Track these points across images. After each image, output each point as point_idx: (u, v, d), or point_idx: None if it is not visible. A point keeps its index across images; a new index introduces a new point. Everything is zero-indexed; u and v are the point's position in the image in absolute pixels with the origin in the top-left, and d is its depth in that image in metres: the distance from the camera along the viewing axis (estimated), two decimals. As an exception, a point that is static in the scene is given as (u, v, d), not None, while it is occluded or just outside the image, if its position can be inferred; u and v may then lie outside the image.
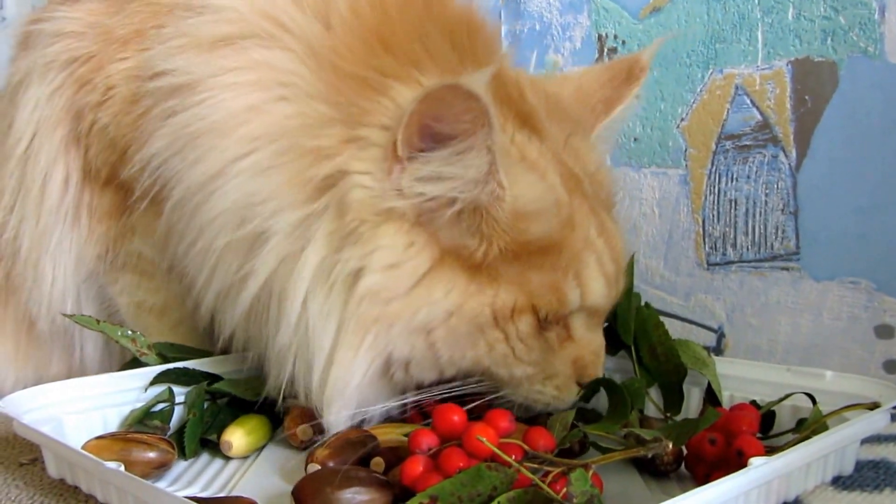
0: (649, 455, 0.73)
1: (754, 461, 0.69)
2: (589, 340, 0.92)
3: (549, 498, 0.66)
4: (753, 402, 0.93)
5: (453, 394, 0.90)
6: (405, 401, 0.93)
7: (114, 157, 1.07)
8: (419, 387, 0.92)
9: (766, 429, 0.90)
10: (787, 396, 0.91)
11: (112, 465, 0.74)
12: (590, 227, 0.89)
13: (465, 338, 0.86)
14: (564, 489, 0.66)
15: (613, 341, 1.05)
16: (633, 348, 1.03)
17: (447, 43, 0.92)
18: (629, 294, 1.02)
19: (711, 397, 0.97)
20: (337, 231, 0.85)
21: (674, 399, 0.99)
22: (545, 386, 0.91)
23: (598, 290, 0.89)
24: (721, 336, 1.33)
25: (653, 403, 1.00)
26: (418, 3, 0.95)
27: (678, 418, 0.98)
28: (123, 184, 1.08)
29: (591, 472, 0.68)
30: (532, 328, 0.87)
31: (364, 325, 0.84)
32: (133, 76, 1.04)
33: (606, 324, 1.06)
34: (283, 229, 0.87)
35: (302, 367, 0.89)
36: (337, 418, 0.88)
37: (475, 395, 0.90)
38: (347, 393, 0.87)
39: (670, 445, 0.70)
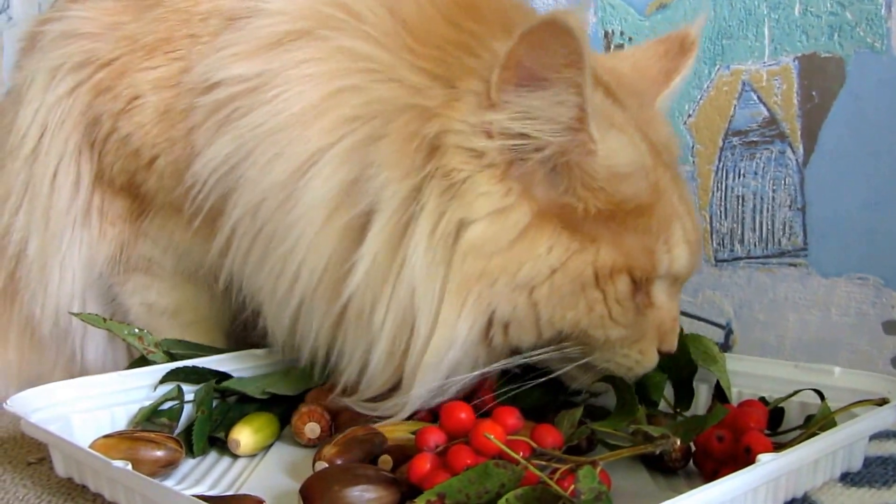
0: (657, 452, 0.73)
1: (762, 457, 0.69)
2: (669, 308, 0.93)
3: (557, 495, 0.66)
4: (762, 399, 0.93)
5: (532, 359, 0.91)
6: (485, 370, 0.91)
7: (134, 166, 1.06)
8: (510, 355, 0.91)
9: (775, 425, 0.90)
10: (795, 393, 0.91)
11: (120, 464, 0.73)
12: (672, 194, 0.90)
13: (567, 297, 0.85)
14: (572, 486, 0.66)
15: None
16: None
17: (520, 14, 0.93)
18: None
19: (720, 393, 0.97)
20: (443, 190, 0.84)
21: (684, 394, 0.98)
22: (632, 350, 0.91)
23: (684, 256, 0.90)
24: (729, 332, 1.32)
25: (663, 399, 0.99)
26: None
27: (688, 414, 0.98)
28: (140, 191, 1.08)
29: (598, 469, 0.68)
30: (628, 290, 0.87)
31: (467, 282, 0.84)
32: (164, 86, 1.03)
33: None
34: (393, 204, 0.86)
35: (401, 338, 0.87)
36: (421, 390, 0.87)
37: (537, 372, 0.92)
38: (448, 357, 0.86)
39: (678, 442, 0.70)
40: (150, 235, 1.11)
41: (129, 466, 0.73)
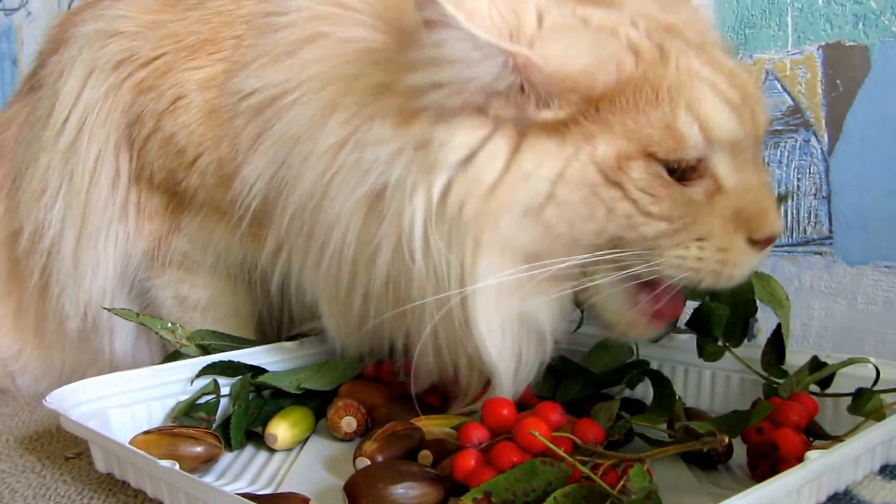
0: (705, 449, 0.73)
1: (811, 455, 0.69)
2: (746, 185, 0.82)
3: (604, 493, 0.66)
4: (815, 359, 0.92)
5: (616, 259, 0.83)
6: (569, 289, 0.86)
7: (176, 165, 1.07)
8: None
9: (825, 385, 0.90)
10: (850, 361, 0.90)
11: (167, 463, 0.74)
12: (691, 61, 0.81)
13: (579, 207, 0.80)
14: (621, 483, 0.66)
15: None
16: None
17: None
18: None
19: (777, 339, 0.94)
20: (423, 152, 0.82)
21: (737, 332, 0.97)
22: (703, 251, 0.81)
23: (723, 118, 0.80)
24: (754, 321, 1.32)
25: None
26: None
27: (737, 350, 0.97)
28: (179, 188, 1.09)
29: (645, 467, 0.68)
30: (652, 175, 0.79)
31: (474, 231, 0.81)
32: (209, 86, 1.04)
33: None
34: (399, 174, 0.84)
35: (437, 302, 0.84)
36: (503, 357, 0.86)
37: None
38: (491, 300, 0.83)
39: (726, 440, 0.70)
40: (188, 232, 1.12)
41: (177, 466, 0.74)
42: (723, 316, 0.95)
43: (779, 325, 0.95)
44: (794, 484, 0.67)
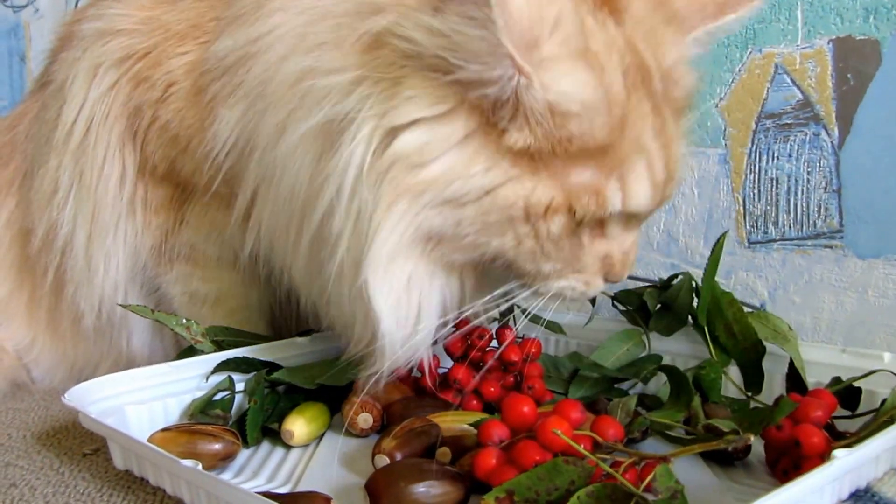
0: (729, 448, 0.73)
1: (837, 453, 0.69)
2: (622, 240, 0.88)
3: (628, 492, 0.66)
4: (837, 379, 0.93)
5: (498, 306, 0.90)
6: (447, 318, 0.90)
7: (174, 152, 1.08)
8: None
9: (853, 406, 0.90)
10: (870, 373, 0.91)
11: (189, 463, 0.74)
12: (644, 129, 0.82)
13: (493, 225, 0.82)
14: (646, 482, 0.67)
15: (671, 321, 1.05)
16: (705, 329, 1.01)
17: None
18: (710, 276, 1.01)
19: (793, 374, 0.95)
20: (381, 91, 0.80)
21: (754, 378, 0.98)
22: (571, 280, 0.87)
23: (643, 195, 0.83)
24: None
25: (732, 383, 0.99)
26: None
27: (759, 397, 0.97)
28: (180, 177, 1.09)
29: (671, 465, 0.68)
30: (565, 228, 0.82)
31: (395, 191, 0.80)
32: (195, 70, 1.04)
33: (660, 305, 1.07)
34: (351, 105, 0.82)
35: (346, 245, 0.84)
36: (389, 321, 0.85)
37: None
38: (383, 254, 0.82)
39: (751, 439, 0.70)
40: (192, 222, 1.13)
41: (199, 466, 0.74)
42: (716, 380, 0.96)
43: (791, 361, 0.95)
44: (822, 482, 0.67)
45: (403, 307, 0.86)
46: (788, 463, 0.80)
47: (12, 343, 1.29)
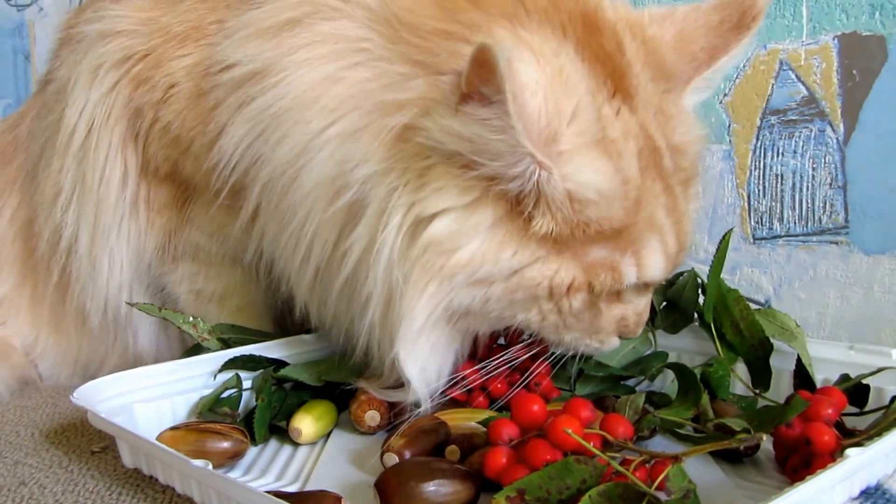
0: (741, 447, 0.73)
1: (850, 452, 0.69)
2: (637, 303, 0.92)
3: (639, 491, 0.66)
4: (845, 377, 0.93)
5: (509, 363, 0.96)
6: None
7: (176, 153, 1.08)
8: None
9: (861, 403, 0.90)
10: (879, 370, 0.91)
11: (199, 463, 0.74)
12: (657, 208, 0.86)
13: (519, 302, 0.86)
14: (657, 481, 0.67)
15: (677, 318, 1.05)
16: (712, 327, 1.01)
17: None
18: (716, 273, 1.01)
19: (801, 371, 0.95)
20: (410, 182, 0.83)
21: (761, 375, 0.98)
22: (590, 340, 0.92)
23: (657, 267, 0.87)
24: (768, 310, 1.33)
25: (740, 381, 0.99)
26: None
27: (768, 395, 0.97)
28: (182, 177, 1.09)
29: (682, 464, 0.68)
30: (585, 303, 0.87)
31: (427, 274, 0.83)
32: (196, 72, 1.04)
33: (666, 302, 1.07)
34: (380, 195, 0.85)
35: (379, 314, 0.88)
36: (413, 370, 0.88)
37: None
38: (414, 330, 0.86)
39: (763, 438, 0.70)
40: (195, 221, 1.13)
41: (210, 466, 0.74)
42: (724, 377, 0.97)
43: (799, 358, 0.95)
44: (835, 480, 0.67)
45: (428, 370, 0.90)
46: (798, 460, 0.80)
47: (19, 339, 1.30)
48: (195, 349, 1.06)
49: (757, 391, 0.97)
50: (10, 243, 1.31)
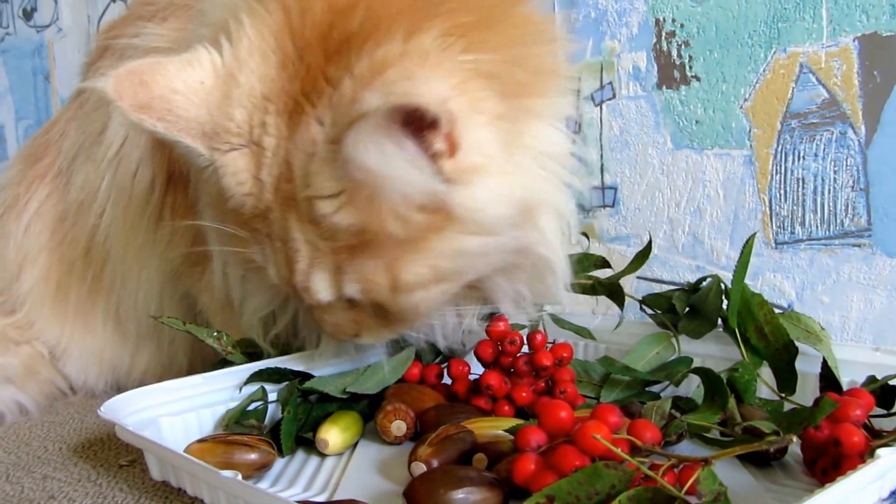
0: (771, 450, 0.73)
1: (881, 452, 0.69)
2: None
3: (669, 496, 0.66)
4: (872, 378, 0.92)
5: None
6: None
7: None
8: None
9: (889, 405, 0.90)
10: None
11: (228, 474, 0.74)
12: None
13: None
14: (687, 485, 0.66)
15: (700, 323, 1.05)
16: (736, 332, 1.01)
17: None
18: (740, 278, 1.01)
19: (827, 374, 0.95)
20: None
21: (787, 379, 0.97)
22: None
23: None
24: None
25: (765, 385, 0.98)
26: None
27: (794, 398, 0.96)
28: None
29: (713, 467, 0.68)
30: None
31: None
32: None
33: (689, 308, 1.07)
34: None
35: None
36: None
37: None
38: None
39: (794, 440, 0.70)
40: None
41: (239, 476, 0.74)
42: (751, 381, 0.97)
43: (825, 360, 0.95)
44: (866, 481, 0.67)
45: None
46: (827, 462, 0.80)
47: (44, 343, 1.34)
48: (221, 363, 1.07)
49: (783, 395, 0.97)
50: (37, 234, 1.34)
